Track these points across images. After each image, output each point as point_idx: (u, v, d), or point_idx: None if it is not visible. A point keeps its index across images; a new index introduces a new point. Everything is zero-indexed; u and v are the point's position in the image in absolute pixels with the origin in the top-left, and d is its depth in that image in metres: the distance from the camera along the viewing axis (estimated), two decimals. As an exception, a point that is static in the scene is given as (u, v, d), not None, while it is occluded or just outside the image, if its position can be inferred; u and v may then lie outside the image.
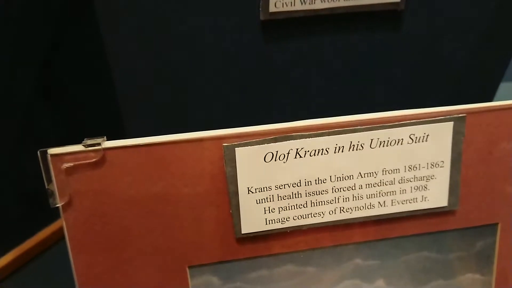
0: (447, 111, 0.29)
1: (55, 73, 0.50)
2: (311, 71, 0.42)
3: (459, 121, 0.29)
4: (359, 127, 0.28)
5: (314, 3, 0.38)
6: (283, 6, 0.38)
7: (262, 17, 0.38)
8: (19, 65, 0.46)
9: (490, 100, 0.48)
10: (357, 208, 0.30)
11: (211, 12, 0.38)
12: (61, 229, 0.55)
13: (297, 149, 0.28)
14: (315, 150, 0.28)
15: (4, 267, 0.50)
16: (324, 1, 0.38)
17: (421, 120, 0.28)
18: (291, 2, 0.38)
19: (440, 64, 0.44)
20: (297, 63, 0.41)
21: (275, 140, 0.27)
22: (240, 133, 0.27)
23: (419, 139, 0.29)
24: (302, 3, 0.38)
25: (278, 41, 0.40)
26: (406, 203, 0.30)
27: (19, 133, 0.49)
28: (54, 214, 0.55)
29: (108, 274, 0.29)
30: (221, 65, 0.40)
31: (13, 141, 0.48)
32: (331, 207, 0.29)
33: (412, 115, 0.28)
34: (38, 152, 0.26)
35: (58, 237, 0.55)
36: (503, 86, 0.48)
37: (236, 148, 0.27)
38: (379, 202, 0.30)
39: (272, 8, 0.38)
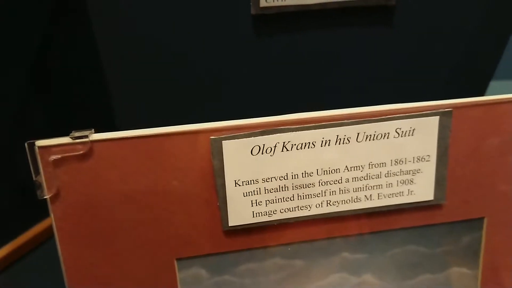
0: (433, 105, 0.29)
1: (48, 68, 0.50)
2: (302, 65, 0.42)
3: (445, 115, 0.29)
4: (345, 120, 0.28)
5: (305, -2, 0.38)
6: (274, 1, 0.38)
7: (253, 12, 0.38)
8: (12, 60, 0.46)
9: (481, 95, 0.48)
10: (343, 201, 0.30)
11: (203, 6, 0.38)
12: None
13: (283, 142, 0.28)
14: (302, 144, 0.28)
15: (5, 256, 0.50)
16: (315, -3, 0.38)
17: (407, 114, 0.28)
18: (282, -3, 0.38)
19: (431, 60, 0.44)
20: (288, 57, 0.42)
21: (262, 133, 0.27)
22: (228, 126, 0.27)
23: (405, 133, 0.29)
24: (293, -2, 0.38)
25: (269, 35, 0.40)
26: (393, 196, 0.30)
27: (11, 128, 0.49)
28: (46, 210, 0.56)
29: (97, 266, 0.29)
30: (212, 58, 0.41)
31: (4, 135, 0.48)
32: (318, 200, 0.29)
33: (398, 109, 0.28)
34: (26, 144, 0.26)
35: (50, 233, 0.55)
36: (494, 84, 0.49)
37: (223, 141, 0.27)
38: (365, 196, 0.30)
39: (263, 3, 0.38)
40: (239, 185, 0.28)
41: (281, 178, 0.29)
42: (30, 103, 0.50)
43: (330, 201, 0.30)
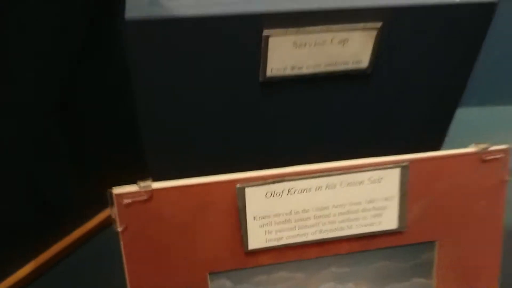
0: (395, 160, 0.39)
1: (72, 88, 0.52)
2: (300, 120, 0.52)
3: (404, 168, 0.40)
4: (333, 172, 0.39)
5: (301, 69, 0.49)
6: (277, 71, 0.48)
7: (260, 79, 0.48)
8: (38, 79, 0.47)
9: (444, 131, 0.58)
10: (331, 230, 0.40)
11: (221, 73, 0.47)
12: (77, 240, 0.60)
13: (288, 189, 0.38)
14: (302, 189, 0.38)
15: (28, 275, 0.56)
16: (309, 68, 0.48)
17: (376, 167, 0.39)
18: (283, 69, 0.48)
19: (401, 114, 0.55)
20: (289, 113, 0.52)
21: (273, 182, 0.38)
22: (249, 177, 0.38)
23: (375, 181, 0.39)
24: (292, 69, 0.48)
25: (273, 97, 0.50)
26: (367, 226, 0.40)
27: (35, 146, 0.51)
28: (66, 228, 0.59)
29: (153, 279, 0.39)
30: (227, 117, 0.50)
31: (29, 153, 0.50)
32: (313, 229, 0.40)
33: (370, 163, 0.39)
34: (107, 192, 0.36)
35: (70, 250, 0.60)
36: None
37: (246, 188, 0.38)
38: (347, 226, 0.40)
39: (268, 73, 0.48)
40: (257, 220, 0.39)
41: (286, 214, 0.39)
42: (54, 123, 0.51)
43: (322, 230, 0.40)
